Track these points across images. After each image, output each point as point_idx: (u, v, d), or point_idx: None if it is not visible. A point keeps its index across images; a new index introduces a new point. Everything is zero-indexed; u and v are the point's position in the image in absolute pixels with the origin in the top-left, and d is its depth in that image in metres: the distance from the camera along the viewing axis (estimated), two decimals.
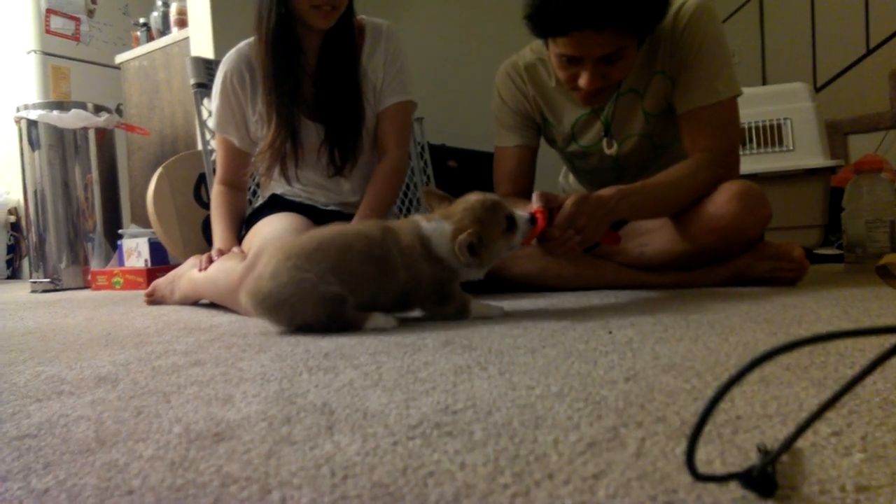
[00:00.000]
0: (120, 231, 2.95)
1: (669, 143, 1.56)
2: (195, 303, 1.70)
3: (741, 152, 1.53)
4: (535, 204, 1.21)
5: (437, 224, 1.11)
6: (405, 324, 1.11)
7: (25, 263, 4.20)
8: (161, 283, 1.82)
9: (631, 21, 1.27)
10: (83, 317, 1.57)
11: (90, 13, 4.26)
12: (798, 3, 3.95)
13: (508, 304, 1.32)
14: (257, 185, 1.94)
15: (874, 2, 3.74)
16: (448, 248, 1.09)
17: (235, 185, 1.75)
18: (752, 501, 0.36)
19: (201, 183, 2.53)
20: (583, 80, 1.35)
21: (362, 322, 1.05)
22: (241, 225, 1.72)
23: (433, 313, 1.15)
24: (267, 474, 0.43)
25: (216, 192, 1.74)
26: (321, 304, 1.02)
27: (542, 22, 1.32)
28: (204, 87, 2.07)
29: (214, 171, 1.85)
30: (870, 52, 3.76)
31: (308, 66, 1.60)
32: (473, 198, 1.13)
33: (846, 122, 3.67)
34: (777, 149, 2.57)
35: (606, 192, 1.29)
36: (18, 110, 3.00)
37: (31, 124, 2.97)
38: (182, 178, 2.50)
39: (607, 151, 1.58)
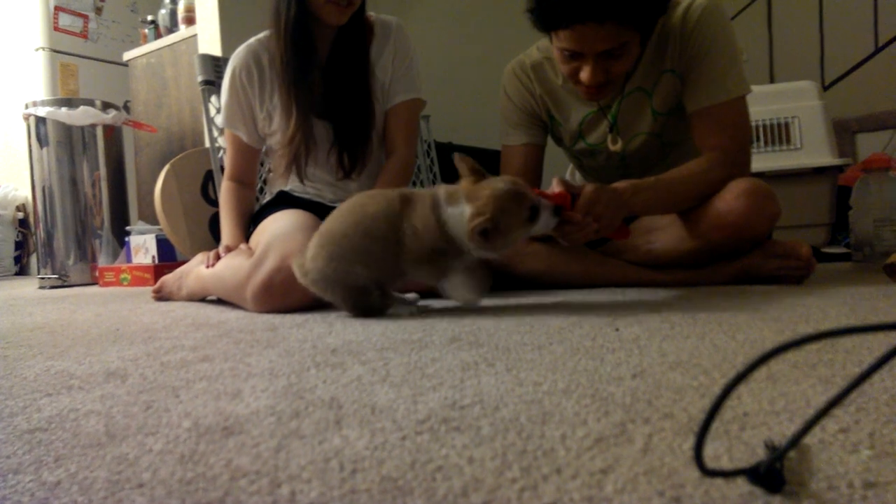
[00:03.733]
0: (127, 228, 2.96)
1: (678, 141, 1.56)
2: (202, 299, 1.71)
3: (750, 150, 1.52)
4: (555, 188, 1.21)
5: (459, 208, 1.12)
6: (411, 322, 1.11)
7: (33, 260, 4.22)
8: (168, 279, 1.83)
9: (631, 15, 1.27)
10: (91, 313, 1.58)
11: (98, 10, 4.28)
12: (806, 0, 3.93)
13: (515, 300, 1.32)
14: (265, 181, 1.95)
15: (882, 0, 3.72)
16: (463, 231, 1.11)
17: (244, 182, 1.76)
18: (760, 497, 0.36)
19: (208, 180, 2.54)
20: (584, 75, 1.35)
21: (387, 307, 1.20)
22: (249, 221, 1.72)
23: (414, 272, 1.19)
24: (276, 468, 0.44)
25: (225, 188, 1.75)
26: (348, 291, 1.19)
27: (544, 15, 1.32)
28: (211, 85, 2.07)
29: (222, 168, 1.85)
30: (878, 50, 3.73)
31: (319, 63, 1.60)
32: (500, 185, 1.12)
33: (854, 120, 3.65)
34: (785, 147, 2.56)
35: (621, 185, 1.29)
36: (27, 107, 3.01)
37: (40, 121, 2.98)
38: (189, 175, 2.51)
39: (612, 148, 1.57)
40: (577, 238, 1.22)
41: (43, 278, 3.02)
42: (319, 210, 1.63)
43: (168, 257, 2.71)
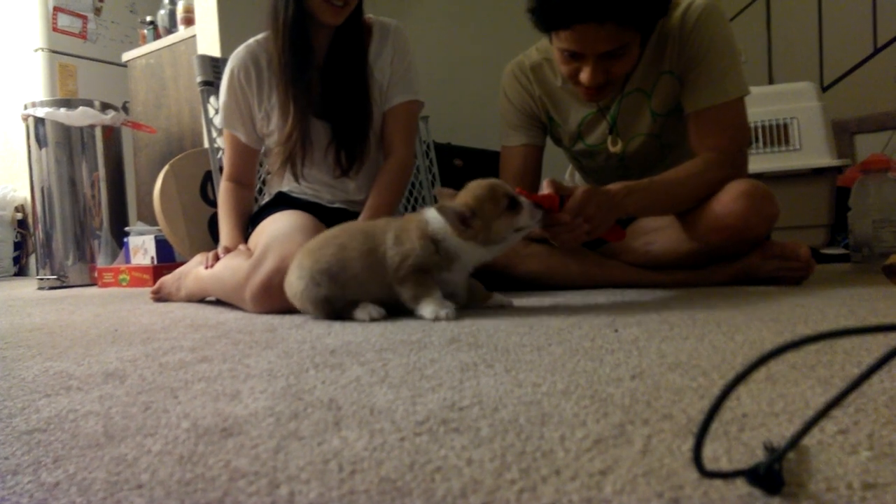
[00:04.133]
0: (126, 228, 2.96)
1: (676, 142, 1.56)
2: (201, 300, 1.70)
3: (748, 152, 1.52)
4: (545, 189, 1.21)
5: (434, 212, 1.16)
6: (410, 323, 1.11)
7: (32, 260, 4.22)
8: (167, 280, 1.83)
9: (631, 15, 1.27)
10: (90, 313, 1.57)
11: (97, 11, 4.28)
12: (805, 2, 3.94)
13: (514, 301, 1.32)
14: (263, 182, 1.95)
15: (881, 1, 3.72)
16: (445, 225, 1.13)
17: (243, 182, 1.76)
18: (759, 498, 0.36)
19: (207, 180, 2.54)
20: (584, 76, 1.35)
21: (350, 314, 1.17)
22: (248, 222, 1.72)
23: (397, 293, 1.17)
24: (275, 469, 0.44)
25: (223, 188, 1.74)
26: (314, 302, 1.20)
27: (544, 15, 1.32)
28: (210, 85, 2.07)
29: (221, 168, 1.85)
30: (877, 51, 3.74)
31: (317, 64, 1.60)
32: (473, 182, 1.17)
33: (853, 121, 3.66)
34: (783, 148, 2.56)
35: (614, 186, 1.29)
36: (26, 108, 3.01)
37: (39, 122, 2.98)
38: (188, 176, 2.51)
39: (612, 149, 1.57)
40: (568, 239, 1.22)
41: (42, 279, 3.02)
42: (318, 211, 1.63)
43: (167, 258, 2.71)
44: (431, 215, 1.16)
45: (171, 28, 3.27)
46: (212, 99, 2.07)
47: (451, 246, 1.14)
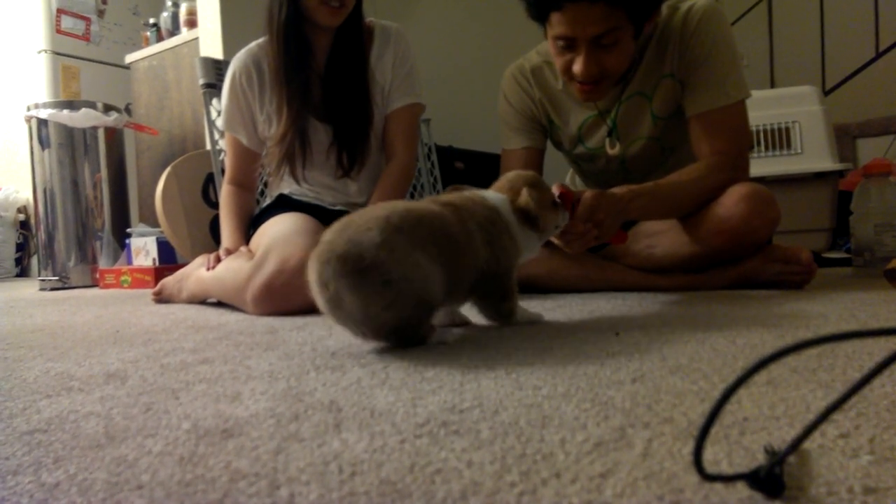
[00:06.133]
0: (128, 230, 2.96)
1: (678, 145, 1.55)
2: (203, 302, 1.71)
3: (750, 155, 1.52)
4: (556, 193, 1.20)
5: (497, 194, 1.02)
6: None
7: (34, 261, 4.22)
8: (169, 281, 1.83)
9: None
10: (91, 314, 1.58)
11: (100, 13, 4.29)
12: (807, 6, 3.94)
13: None
14: (265, 185, 1.95)
15: (883, 5, 3.73)
16: (514, 217, 1.00)
17: (244, 185, 1.76)
18: (760, 502, 0.36)
19: (209, 182, 2.54)
20: (577, 66, 1.35)
21: (430, 335, 0.89)
22: (250, 224, 1.72)
23: (491, 309, 1.01)
24: (275, 470, 0.44)
25: (225, 191, 1.75)
26: (417, 301, 0.83)
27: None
28: (213, 88, 2.08)
29: (222, 170, 1.85)
30: (879, 55, 3.74)
31: (317, 67, 1.61)
32: (514, 173, 1.07)
33: (855, 125, 3.66)
34: (785, 152, 2.56)
35: (619, 190, 1.28)
36: (29, 109, 3.02)
37: (42, 123, 2.98)
38: (190, 178, 2.51)
39: (610, 152, 1.57)
40: (579, 246, 1.22)
41: (43, 280, 3.02)
42: (319, 213, 1.63)
43: (168, 259, 2.71)
44: (495, 199, 1.00)
45: (174, 30, 3.28)
46: (214, 101, 2.07)
47: (516, 237, 1.00)
